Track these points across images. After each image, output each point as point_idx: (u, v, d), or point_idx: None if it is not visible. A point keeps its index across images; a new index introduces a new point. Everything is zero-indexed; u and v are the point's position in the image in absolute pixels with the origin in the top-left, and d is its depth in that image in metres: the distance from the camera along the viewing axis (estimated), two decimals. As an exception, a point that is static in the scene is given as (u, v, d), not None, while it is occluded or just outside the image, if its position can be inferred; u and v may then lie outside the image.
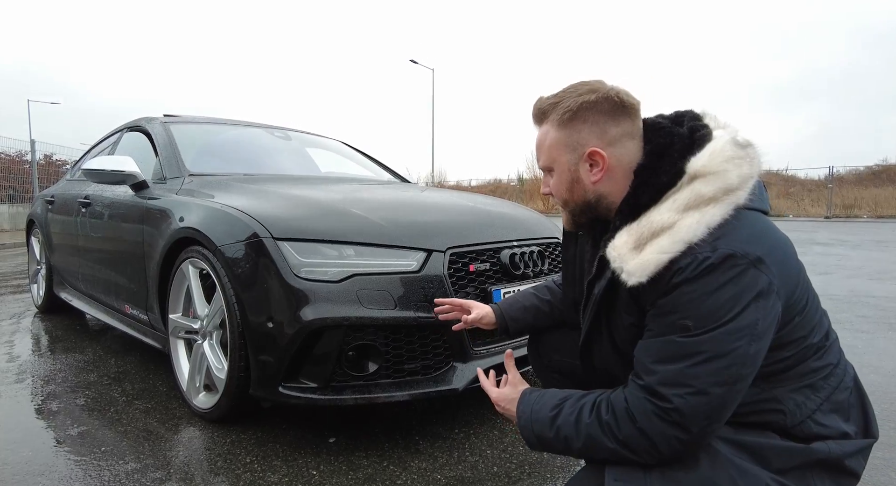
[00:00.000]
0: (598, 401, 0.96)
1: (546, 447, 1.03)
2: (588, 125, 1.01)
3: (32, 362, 2.76)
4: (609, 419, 0.92)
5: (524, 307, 1.45)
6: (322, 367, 1.68)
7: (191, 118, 3.26)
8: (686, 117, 1.04)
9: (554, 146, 1.05)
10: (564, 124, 1.02)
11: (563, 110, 1.02)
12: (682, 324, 0.87)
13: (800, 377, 0.96)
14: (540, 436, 1.02)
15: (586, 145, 1.01)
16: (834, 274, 5.55)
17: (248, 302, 1.76)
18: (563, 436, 0.97)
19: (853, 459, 0.97)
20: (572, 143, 1.02)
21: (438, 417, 2.06)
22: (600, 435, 0.92)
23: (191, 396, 2.07)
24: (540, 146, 1.08)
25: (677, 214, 0.91)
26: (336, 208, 2.01)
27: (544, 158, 1.08)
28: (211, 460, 1.71)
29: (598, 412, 0.94)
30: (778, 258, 0.90)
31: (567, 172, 1.04)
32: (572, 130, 1.02)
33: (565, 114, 1.02)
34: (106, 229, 2.85)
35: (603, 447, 0.93)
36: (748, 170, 0.94)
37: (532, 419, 1.03)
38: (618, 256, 0.95)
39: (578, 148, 1.02)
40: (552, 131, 1.05)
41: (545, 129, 1.06)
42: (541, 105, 1.07)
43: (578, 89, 1.03)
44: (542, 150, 1.08)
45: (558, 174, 1.06)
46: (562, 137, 1.03)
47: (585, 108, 1.00)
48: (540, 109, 1.07)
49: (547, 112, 1.05)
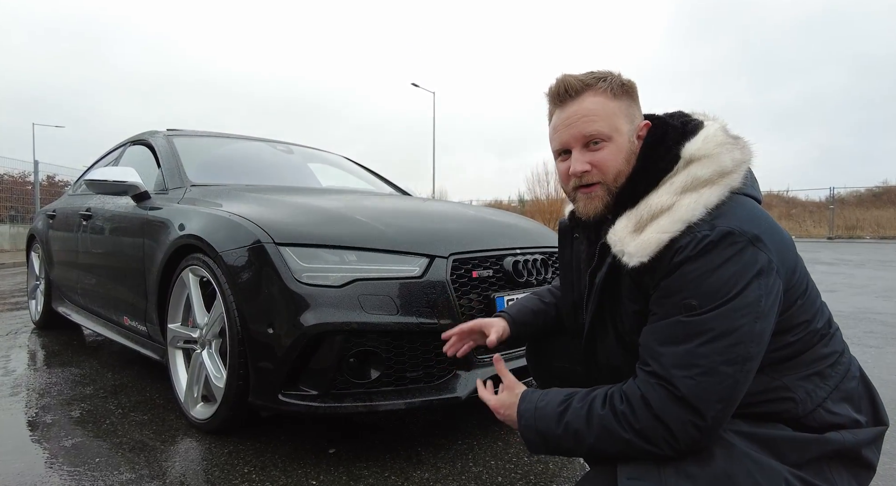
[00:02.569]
0: (611, 392, 0.94)
1: (550, 447, 0.99)
2: (634, 101, 1.04)
3: (28, 376, 2.72)
4: (624, 409, 0.89)
5: (532, 312, 1.42)
6: (323, 374, 1.64)
7: (194, 132, 3.28)
8: (676, 115, 1.08)
9: (615, 114, 1.00)
10: (620, 95, 1.02)
11: (617, 82, 1.02)
12: (686, 303, 0.87)
13: (808, 364, 0.95)
14: (545, 434, 0.98)
15: (639, 117, 1.04)
16: (840, 292, 5.52)
17: (249, 308, 1.74)
18: (572, 431, 0.94)
19: (868, 449, 0.95)
20: (631, 114, 1.04)
21: (441, 426, 2.01)
22: (615, 426, 0.89)
23: (188, 406, 2.03)
24: (595, 113, 1.00)
25: (675, 196, 0.92)
26: (338, 214, 2.00)
27: (603, 124, 1.00)
28: (208, 470, 1.66)
29: (612, 403, 0.91)
30: (775, 239, 0.91)
31: (627, 142, 1.01)
32: (628, 102, 1.03)
33: (620, 85, 1.02)
34: (107, 241, 2.83)
35: (618, 439, 0.90)
36: (740, 155, 0.97)
37: (536, 417, 1.00)
38: (618, 239, 0.96)
39: (635, 119, 1.04)
40: (607, 101, 1.00)
41: (597, 99, 1.01)
42: (582, 77, 1.03)
43: (604, 72, 1.04)
44: (600, 117, 1.00)
45: (617, 144, 1.00)
46: (621, 106, 1.02)
47: (627, 85, 1.03)
48: (581, 81, 1.02)
49: (591, 84, 1.01)
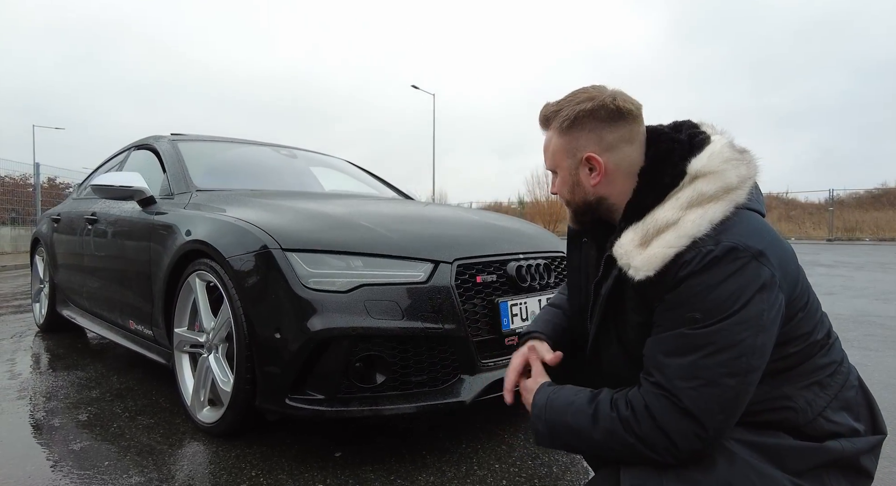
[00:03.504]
0: (616, 398, 0.96)
1: (556, 440, 1.02)
2: (585, 132, 1.06)
3: (34, 380, 2.74)
4: (629, 415, 0.92)
5: (555, 325, 1.36)
6: (329, 378, 1.67)
7: (198, 137, 3.30)
8: (685, 126, 1.09)
9: (557, 151, 1.11)
10: (564, 131, 1.08)
11: (563, 118, 1.07)
12: (690, 317, 0.89)
13: (808, 374, 0.97)
14: (553, 426, 1.01)
15: (584, 151, 1.06)
16: (839, 295, 5.53)
17: (256, 313, 1.76)
18: (579, 428, 0.97)
19: (867, 457, 0.98)
20: (572, 149, 1.08)
21: (445, 431, 2.03)
22: (620, 430, 0.92)
23: (195, 410, 2.05)
24: (546, 150, 1.14)
25: (681, 212, 0.94)
26: (344, 220, 2.02)
27: (549, 161, 1.14)
28: (216, 473, 1.68)
29: (618, 408, 0.94)
30: (778, 253, 0.93)
31: (568, 175, 1.10)
32: (571, 137, 1.07)
33: (564, 122, 1.07)
34: (112, 245, 2.85)
35: (621, 442, 0.92)
36: (745, 171, 0.98)
37: (547, 409, 1.03)
38: (624, 253, 0.98)
39: (577, 153, 1.07)
40: (555, 137, 1.11)
41: (549, 134, 1.12)
42: (545, 112, 1.13)
43: (577, 97, 1.07)
44: (548, 154, 1.14)
45: (561, 177, 1.12)
46: (563, 142, 1.09)
47: (582, 116, 1.05)
48: (544, 115, 1.13)
49: (550, 119, 1.12)
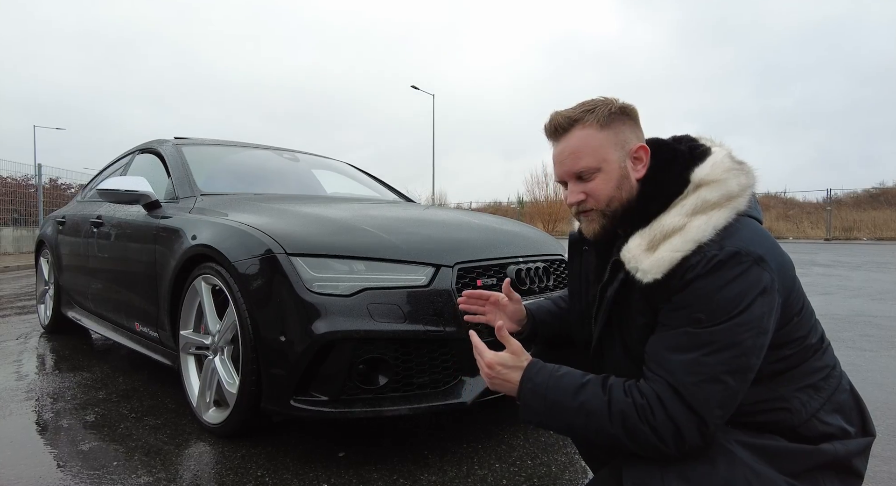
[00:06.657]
0: (628, 386, 0.98)
1: (550, 418, 1.02)
2: (626, 126, 1.09)
3: (41, 381, 2.78)
4: (644, 404, 0.94)
5: (550, 312, 1.45)
6: (333, 380, 1.71)
7: (201, 141, 3.34)
8: (684, 139, 1.14)
9: (602, 146, 1.07)
10: (606, 125, 1.07)
11: (604, 113, 1.07)
12: (695, 317, 0.94)
13: (803, 377, 1.02)
14: (553, 404, 1.00)
15: (631, 142, 1.09)
16: (835, 294, 5.57)
17: (261, 316, 1.80)
18: (586, 410, 0.97)
19: (858, 459, 1.02)
20: (620, 141, 1.08)
21: (447, 431, 2.08)
22: (635, 416, 0.94)
23: (201, 411, 2.09)
24: (580, 150, 1.08)
25: (686, 218, 0.99)
26: (347, 225, 2.06)
27: (590, 159, 1.07)
28: (222, 473, 1.73)
29: (632, 395, 0.96)
30: (776, 259, 0.98)
31: (618, 169, 1.07)
32: (615, 130, 1.08)
33: (609, 115, 1.07)
34: (118, 248, 2.89)
35: (633, 428, 0.94)
36: (745, 180, 1.04)
37: (549, 386, 1.02)
38: (632, 257, 1.02)
39: (626, 145, 1.08)
40: (594, 134, 1.07)
41: (583, 133, 1.08)
42: (569, 114, 1.10)
43: (596, 101, 1.10)
44: (586, 152, 1.07)
45: (607, 173, 1.07)
46: (607, 136, 1.07)
47: (618, 112, 1.08)
48: (568, 117, 1.09)
49: (579, 119, 1.08)
